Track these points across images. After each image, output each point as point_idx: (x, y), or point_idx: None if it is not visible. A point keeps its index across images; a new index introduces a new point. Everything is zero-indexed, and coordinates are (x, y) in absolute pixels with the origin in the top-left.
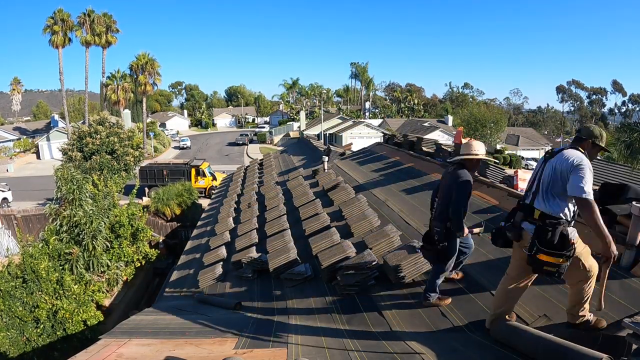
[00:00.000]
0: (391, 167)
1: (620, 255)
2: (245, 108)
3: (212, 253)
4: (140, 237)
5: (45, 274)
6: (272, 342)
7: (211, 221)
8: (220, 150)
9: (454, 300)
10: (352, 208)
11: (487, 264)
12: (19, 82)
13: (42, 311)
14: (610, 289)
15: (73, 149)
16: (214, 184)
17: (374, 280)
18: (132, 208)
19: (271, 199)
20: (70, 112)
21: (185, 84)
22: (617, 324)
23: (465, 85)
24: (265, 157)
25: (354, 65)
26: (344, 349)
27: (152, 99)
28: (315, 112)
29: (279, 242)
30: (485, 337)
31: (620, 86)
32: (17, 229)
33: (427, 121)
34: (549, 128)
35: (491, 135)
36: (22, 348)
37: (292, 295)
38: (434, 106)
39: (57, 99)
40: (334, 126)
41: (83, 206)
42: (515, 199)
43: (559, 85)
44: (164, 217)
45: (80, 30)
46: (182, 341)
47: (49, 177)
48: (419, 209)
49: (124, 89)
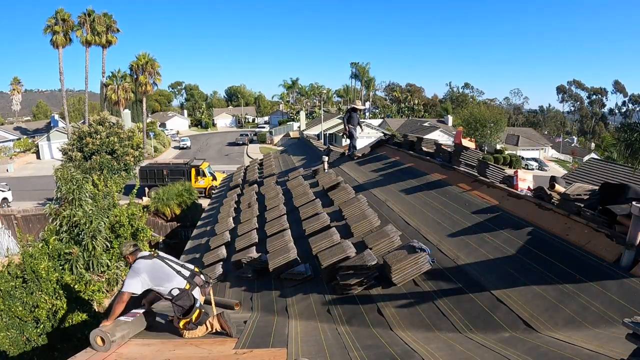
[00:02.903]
0: (391, 167)
1: (620, 255)
2: (245, 108)
3: (212, 253)
4: (140, 237)
5: (45, 274)
6: (272, 342)
7: (211, 221)
8: (220, 150)
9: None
10: (352, 208)
11: (487, 264)
12: (19, 82)
13: (42, 311)
14: (610, 289)
15: (73, 149)
16: (214, 184)
17: (374, 280)
18: (132, 208)
19: (271, 199)
20: (70, 112)
21: (185, 84)
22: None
23: (465, 85)
24: (265, 157)
25: (354, 66)
26: (344, 348)
27: (152, 99)
28: (315, 112)
29: (279, 242)
30: (485, 337)
31: (621, 86)
32: (17, 229)
33: (427, 121)
34: (549, 128)
35: (491, 135)
36: (22, 348)
37: (292, 295)
38: (434, 106)
39: (57, 99)
40: (334, 126)
41: (83, 206)
42: (515, 199)
43: (560, 85)
44: (164, 217)
45: (80, 30)
46: (182, 341)
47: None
48: (419, 209)
49: (124, 89)
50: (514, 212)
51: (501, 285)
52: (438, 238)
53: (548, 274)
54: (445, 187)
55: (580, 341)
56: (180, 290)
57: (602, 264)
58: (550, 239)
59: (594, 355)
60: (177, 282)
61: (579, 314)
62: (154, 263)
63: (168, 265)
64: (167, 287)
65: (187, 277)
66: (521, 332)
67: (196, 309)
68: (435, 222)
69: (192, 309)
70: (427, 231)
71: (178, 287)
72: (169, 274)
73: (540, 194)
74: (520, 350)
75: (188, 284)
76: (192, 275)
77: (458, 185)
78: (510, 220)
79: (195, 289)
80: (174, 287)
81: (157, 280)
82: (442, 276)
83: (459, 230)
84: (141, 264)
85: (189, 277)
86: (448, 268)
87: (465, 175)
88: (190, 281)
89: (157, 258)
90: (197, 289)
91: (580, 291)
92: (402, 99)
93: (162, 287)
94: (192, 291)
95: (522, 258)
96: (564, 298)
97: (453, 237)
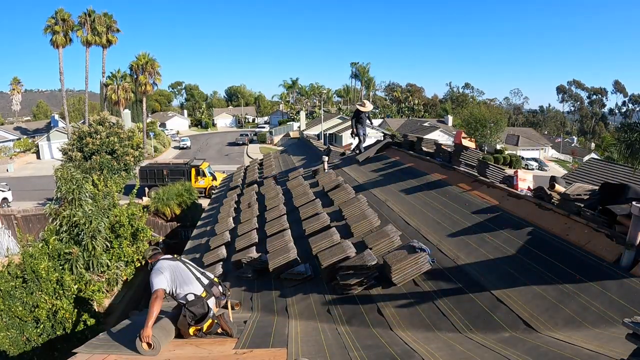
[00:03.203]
0: (391, 167)
1: (620, 255)
2: (245, 108)
3: (212, 253)
4: (140, 237)
5: (45, 274)
6: (272, 342)
7: (211, 221)
8: (220, 150)
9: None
10: (352, 208)
11: (487, 264)
12: (19, 82)
13: (42, 311)
14: (610, 289)
15: (73, 149)
16: (214, 184)
17: (374, 280)
18: (132, 208)
19: (271, 199)
20: (70, 112)
21: (185, 84)
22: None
23: (465, 85)
24: (265, 157)
25: (354, 66)
26: (344, 348)
27: (152, 99)
28: (315, 112)
29: (279, 242)
30: (485, 337)
31: (622, 86)
32: (17, 229)
33: (427, 121)
34: (549, 128)
35: (491, 135)
36: (22, 348)
37: (292, 295)
38: (434, 106)
39: (57, 99)
40: (334, 126)
41: (83, 206)
42: (515, 199)
43: (560, 85)
44: (164, 217)
45: (80, 30)
46: (182, 341)
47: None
48: (419, 209)
49: (124, 88)
50: (514, 212)
51: (501, 285)
52: (438, 238)
53: (548, 274)
54: (445, 187)
55: (580, 341)
56: (196, 297)
57: (602, 264)
58: (550, 239)
59: (594, 355)
60: (195, 288)
61: (579, 314)
62: (176, 265)
63: (189, 269)
64: (185, 290)
65: (205, 285)
66: (521, 332)
67: (209, 319)
68: (435, 222)
69: (204, 317)
70: (427, 231)
71: (194, 293)
72: (188, 277)
73: (540, 194)
74: (520, 350)
75: (205, 291)
76: (210, 284)
77: (458, 185)
78: (510, 220)
79: (211, 298)
80: (190, 292)
81: (176, 281)
82: (442, 276)
83: (459, 230)
84: (164, 264)
85: (207, 285)
86: (448, 268)
87: (465, 175)
88: (208, 290)
89: (179, 261)
90: (212, 299)
91: (580, 291)
92: (402, 99)
93: (179, 290)
94: (207, 300)
95: (522, 258)
96: (564, 298)
97: (453, 237)
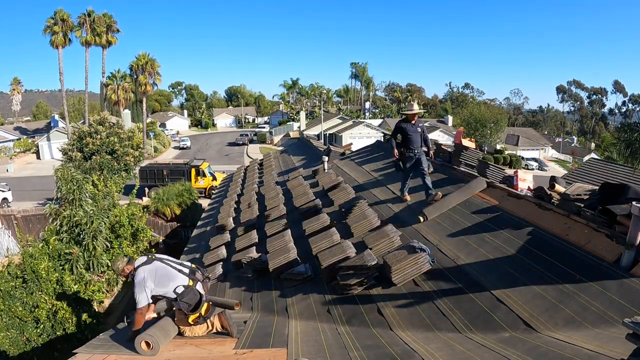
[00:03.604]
0: (391, 167)
1: (620, 255)
2: (246, 108)
3: (212, 253)
4: (140, 237)
5: (45, 274)
6: (272, 342)
7: (211, 221)
8: (220, 150)
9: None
10: (352, 208)
11: (487, 264)
12: (19, 82)
13: (42, 311)
14: (610, 289)
15: (73, 149)
16: (214, 184)
17: (374, 280)
18: (132, 208)
19: (271, 199)
20: (70, 112)
21: (185, 84)
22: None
23: (465, 85)
24: (265, 157)
25: (354, 66)
26: (344, 348)
27: (152, 99)
28: (315, 112)
29: (279, 242)
30: (485, 337)
31: (621, 86)
32: (17, 229)
33: (427, 121)
34: (549, 128)
35: (491, 135)
36: (22, 348)
37: (292, 295)
38: (434, 106)
39: (57, 99)
40: (334, 126)
41: (83, 206)
42: (515, 199)
43: (559, 85)
44: (164, 217)
45: (80, 30)
46: (182, 341)
47: (49, 177)
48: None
49: (124, 89)
50: (514, 212)
51: (501, 285)
52: (438, 238)
53: (548, 274)
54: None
55: (580, 341)
56: (185, 287)
57: (602, 264)
58: (550, 239)
59: (594, 355)
60: (180, 280)
61: (579, 314)
62: (154, 266)
63: (169, 265)
64: (172, 286)
65: (188, 274)
66: (521, 332)
67: (204, 303)
68: (435, 222)
69: (200, 303)
70: (427, 231)
71: (182, 285)
72: (171, 273)
73: (540, 194)
74: (520, 350)
75: (190, 280)
76: (192, 271)
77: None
78: (510, 220)
79: (197, 284)
80: (177, 285)
81: (161, 282)
82: (442, 276)
83: (459, 230)
84: (143, 273)
85: (189, 273)
86: (448, 268)
87: (466, 175)
88: (192, 277)
89: (156, 260)
90: (199, 284)
91: (580, 291)
92: (402, 99)
93: (166, 288)
94: (195, 286)
95: (522, 258)
96: (564, 298)
97: (453, 237)
